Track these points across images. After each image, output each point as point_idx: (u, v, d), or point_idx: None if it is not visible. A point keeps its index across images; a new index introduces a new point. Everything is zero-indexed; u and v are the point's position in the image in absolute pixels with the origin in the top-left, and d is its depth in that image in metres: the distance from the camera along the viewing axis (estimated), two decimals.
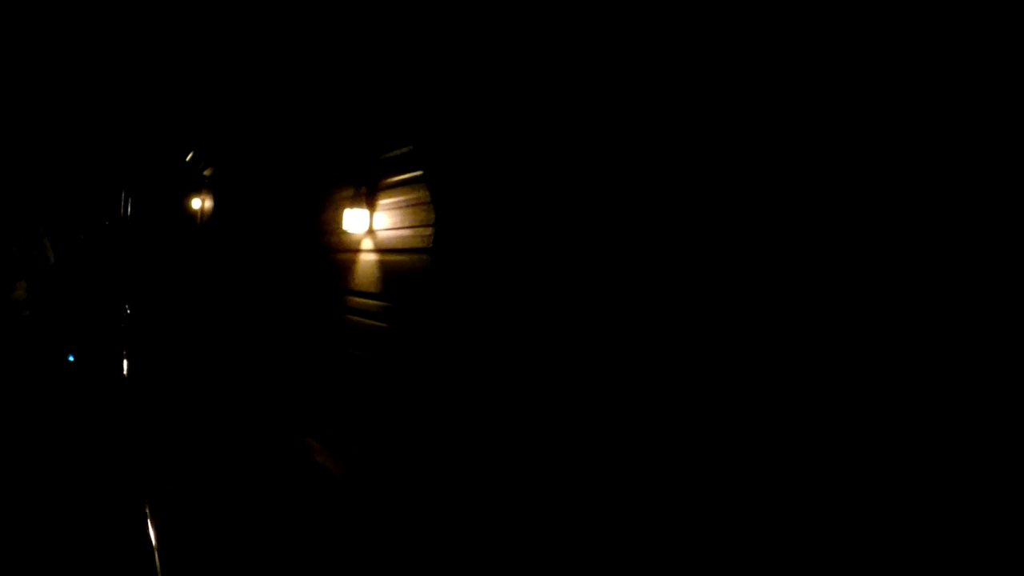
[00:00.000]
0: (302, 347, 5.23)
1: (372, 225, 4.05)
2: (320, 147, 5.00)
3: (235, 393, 6.26)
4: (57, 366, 7.27)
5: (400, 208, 3.76)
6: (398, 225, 3.76)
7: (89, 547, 3.33)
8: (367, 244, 4.13)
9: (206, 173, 8.87)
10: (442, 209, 3.15)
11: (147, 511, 3.74)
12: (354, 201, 4.08)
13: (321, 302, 4.91)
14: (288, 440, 4.91)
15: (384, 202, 3.94)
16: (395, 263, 3.78)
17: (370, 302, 4.05)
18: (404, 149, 3.70)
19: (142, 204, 11.16)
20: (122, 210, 11.56)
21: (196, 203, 9.17)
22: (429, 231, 3.40)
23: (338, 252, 4.59)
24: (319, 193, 5.03)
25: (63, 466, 4.32)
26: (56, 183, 10.10)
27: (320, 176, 5.02)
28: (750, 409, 1.77)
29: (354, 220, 4.04)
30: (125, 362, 8.02)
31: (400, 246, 3.72)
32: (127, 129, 9.86)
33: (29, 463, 4.29)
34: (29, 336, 7.65)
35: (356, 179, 4.19)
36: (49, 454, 4.49)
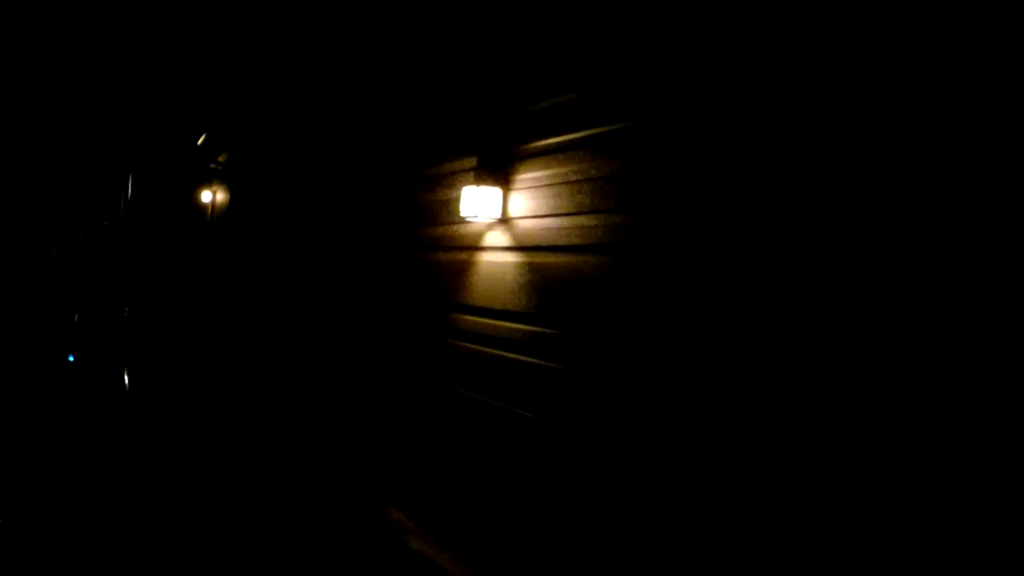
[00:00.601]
0: (370, 377, 3.92)
1: (507, 211, 2.76)
2: (407, 102, 3.70)
3: (264, 424, 4.94)
4: (57, 366, 7.12)
5: (562, 186, 2.47)
6: (559, 211, 2.48)
7: None
8: (497, 239, 2.84)
9: (220, 159, 7.59)
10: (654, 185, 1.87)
11: None
12: (478, 177, 2.79)
13: (403, 319, 3.61)
14: (358, 508, 3.59)
15: (528, 177, 2.66)
16: (555, 267, 2.49)
17: (503, 324, 2.76)
18: (568, 96, 2.43)
19: (143, 202, 10.03)
20: (122, 210, 10.64)
21: (206, 196, 7.91)
22: (619, 219, 2.14)
23: (440, 250, 3.29)
24: (405, 170, 3.73)
25: (57, 484, 3.77)
26: (56, 182, 9.52)
27: (408, 145, 3.73)
28: None
29: (478, 203, 2.75)
30: (126, 366, 7.22)
31: (565, 242, 2.44)
32: (130, 118, 8.87)
33: (24, 471, 3.93)
34: (29, 336, 7.56)
35: (480, 145, 2.91)
36: (44, 467, 4.02)
